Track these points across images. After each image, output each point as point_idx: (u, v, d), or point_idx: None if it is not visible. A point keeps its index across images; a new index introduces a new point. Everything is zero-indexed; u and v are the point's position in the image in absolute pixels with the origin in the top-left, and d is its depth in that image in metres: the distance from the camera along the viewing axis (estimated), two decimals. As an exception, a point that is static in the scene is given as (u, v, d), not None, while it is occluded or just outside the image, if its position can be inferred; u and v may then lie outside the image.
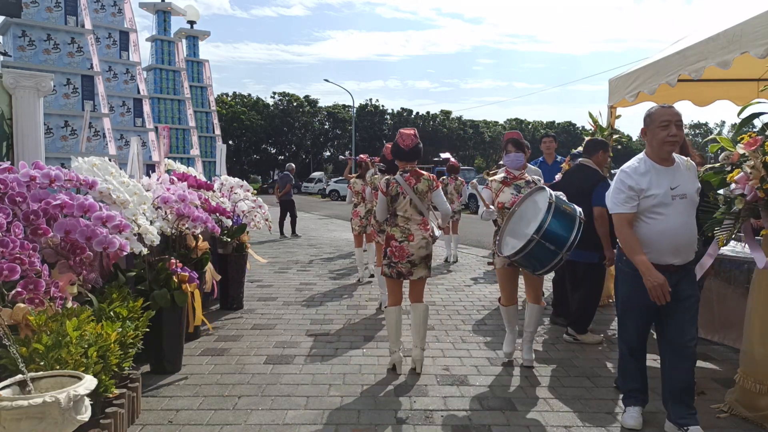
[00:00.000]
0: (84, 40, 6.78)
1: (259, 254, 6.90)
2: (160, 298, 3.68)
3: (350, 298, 6.29)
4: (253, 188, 6.47)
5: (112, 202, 3.48)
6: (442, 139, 58.57)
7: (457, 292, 6.61)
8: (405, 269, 3.86)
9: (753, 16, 3.58)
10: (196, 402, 3.38)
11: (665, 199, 2.82)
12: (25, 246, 2.65)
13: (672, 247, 2.83)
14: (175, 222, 4.14)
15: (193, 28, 13.44)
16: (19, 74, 4.31)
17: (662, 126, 2.83)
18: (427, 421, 3.13)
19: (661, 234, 2.82)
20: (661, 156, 2.89)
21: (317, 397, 3.46)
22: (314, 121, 59.49)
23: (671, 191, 2.83)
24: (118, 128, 8.66)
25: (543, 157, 7.22)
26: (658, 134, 2.85)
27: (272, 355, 4.27)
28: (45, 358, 2.40)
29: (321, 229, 13.97)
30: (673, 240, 2.82)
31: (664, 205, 2.82)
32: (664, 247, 2.83)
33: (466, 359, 4.21)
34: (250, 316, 5.46)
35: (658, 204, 2.83)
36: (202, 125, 13.03)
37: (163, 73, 11.60)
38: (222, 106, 50.40)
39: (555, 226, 3.45)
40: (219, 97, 52.26)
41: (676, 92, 5.56)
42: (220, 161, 9.27)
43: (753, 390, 3.04)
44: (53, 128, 6.44)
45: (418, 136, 4.06)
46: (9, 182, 2.96)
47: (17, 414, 1.92)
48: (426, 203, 3.95)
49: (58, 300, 2.77)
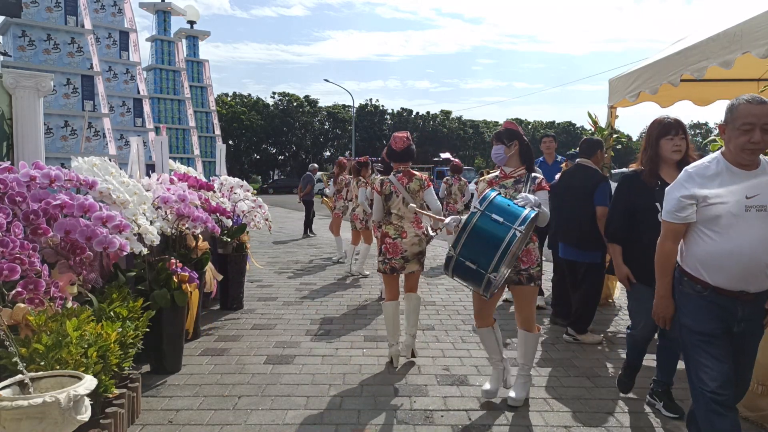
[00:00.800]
0: (84, 40, 6.78)
1: (262, 254, 6.90)
2: (160, 298, 3.68)
3: (350, 298, 6.29)
4: (253, 188, 6.47)
5: (112, 202, 3.48)
6: (442, 139, 58.60)
7: (457, 292, 6.61)
8: (398, 264, 4.05)
9: (754, 16, 3.58)
10: (196, 402, 3.38)
11: (736, 209, 2.23)
12: (25, 246, 2.65)
13: (743, 270, 2.25)
14: (175, 222, 4.14)
15: (193, 28, 13.45)
16: (19, 74, 4.31)
17: (743, 130, 2.24)
18: (427, 421, 3.13)
19: (729, 254, 2.25)
20: (739, 161, 2.30)
21: (317, 397, 3.46)
22: (314, 121, 59.50)
23: (746, 200, 2.24)
24: (118, 128, 8.66)
25: (543, 157, 7.23)
26: (737, 138, 2.26)
27: (272, 355, 4.27)
28: (45, 358, 2.40)
29: (321, 229, 13.96)
30: (746, 262, 2.23)
31: (733, 217, 2.23)
32: (733, 271, 2.26)
33: (466, 359, 4.21)
34: (250, 316, 5.46)
35: (725, 215, 2.25)
36: (202, 125, 13.04)
37: (163, 73, 11.60)
38: (222, 106, 50.43)
39: (472, 242, 2.84)
40: (219, 97, 52.29)
41: (677, 92, 5.56)
42: (220, 161, 9.27)
43: (756, 391, 3.04)
44: (53, 128, 6.44)
45: (411, 139, 4.26)
46: (9, 182, 2.96)
47: (17, 414, 1.91)
48: (418, 202, 4.11)
49: (58, 300, 2.77)
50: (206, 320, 5.19)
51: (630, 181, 3.32)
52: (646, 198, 3.16)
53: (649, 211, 3.10)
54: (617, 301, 6.03)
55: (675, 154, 3.15)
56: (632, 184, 3.30)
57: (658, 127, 3.19)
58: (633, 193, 3.27)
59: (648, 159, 3.23)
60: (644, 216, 3.15)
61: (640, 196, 3.21)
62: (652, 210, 3.07)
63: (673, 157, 3.15)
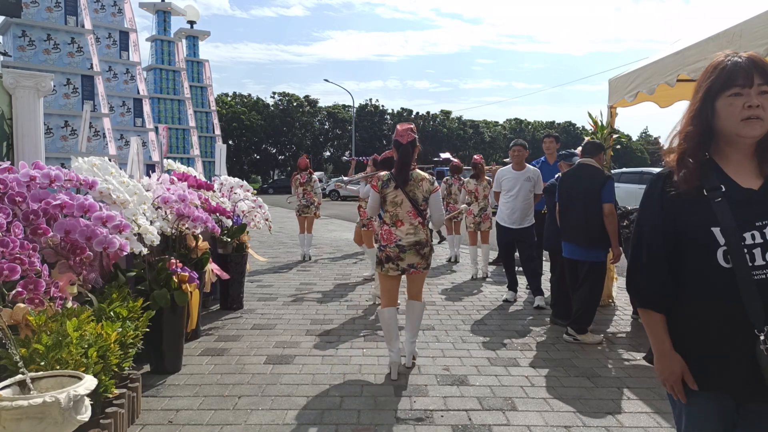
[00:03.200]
0: (84, 40, 6.78)
1: (262, 254, 6.90)
2: (160, 298, 3.68)
3: (350, 298, 6.29)
4: (253, 188, 6.47)
5: (112, 202, 3.48)
6: (442, 139, 58.60)
7: (457, 292, 6.61)
8: (393, 253, 3.87)
9: (752, 16, 3.58)
10: (196, 402, 3.38)
11: None
12: (25, 246, 2.65)
13: None
14: (175, 222, 4.14)
15: (193, 28, 13.44)
16: (19, 74, 4.31)
17: None
18: (427, 421, 3.13)
19: None
20: None
21: (317, 397, 3.46)
22: (314, 121, 59.49)
23: None
24: (118, 128, 8.66)
25: (545, 157, 7.24)
26: None
27: (272, 355, 4.27)
28: (45, 358, 2.40)
29: (321, 229, 13.95)
30: None
31: None
32: None
33: (466, 359, 4.21)
34: (250, 316, 5.46)
35: None
36: (202, 125, 13.03)
37: (163, 73, 11.60)
38: (222, 106, 50.41)
39: None
40: (219, 97, 52.26)
41: (675, 92, 5.55)
42: (220, 161, 9.26)
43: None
44: (53, 128, 6.44)
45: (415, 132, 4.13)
46: (9, 182, 2.96)
47: (17, 414, 1.92)
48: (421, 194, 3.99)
49: (58, 300, 2.77)
50: (206, 320, 5.19)
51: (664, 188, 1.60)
52: (696, 219, 1.53)
53: (703, 247, 1.51)
54: (617, 301, 6.03)
55: (749, 125, 1.48)
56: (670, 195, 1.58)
57: (712, 76, 1.56)
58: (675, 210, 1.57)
59: (691, 141, 1.56)
60: (697, 255, 1.53)
61: (687, 217, 1.55)
62: (708, 243, 1.49)
63: (747, 133, 1.48)
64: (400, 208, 3.89)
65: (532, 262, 5.98)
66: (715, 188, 1.50)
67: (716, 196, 1.49)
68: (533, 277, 5.94)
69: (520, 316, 5.53)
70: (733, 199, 1.48)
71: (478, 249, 7.59)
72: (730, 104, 1.48)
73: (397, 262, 3.88)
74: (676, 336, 1.60)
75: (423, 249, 3.91)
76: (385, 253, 3.90)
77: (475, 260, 7.62)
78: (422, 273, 3.97)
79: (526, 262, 6.03)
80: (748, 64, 1.50)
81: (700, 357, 1.54)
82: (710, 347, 1.52)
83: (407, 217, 3.90)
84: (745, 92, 1.47)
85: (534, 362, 4.15)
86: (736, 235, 1.44)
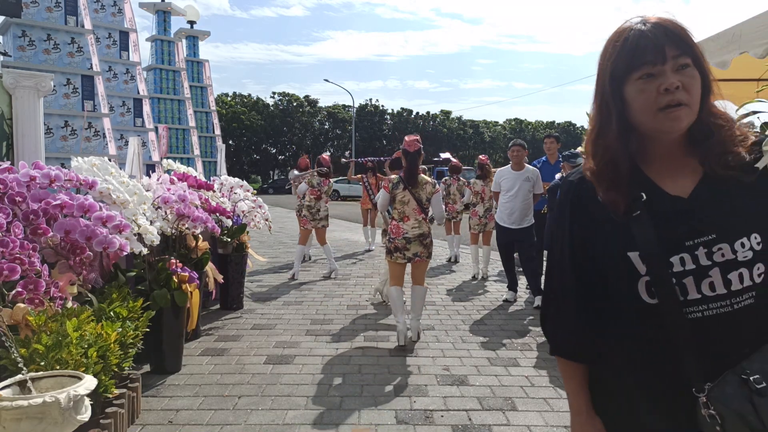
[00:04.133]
0: (84, 40, 6.78)
1: (262, 254, 6.90)
2: (160, 298, 3.68)
3: (350, 298, 6.29)
4: (253, 188, 6.47)
5: (112, 202, 3.48)
6: (442, 139, 58.57)
7: (457, 292, 6.61)
8: (401, 244, 4.61)
9: (752, 17, 3.58)
10: (196, 402, 3.38)
11: None
12: (25, 246, 2.65)
13: None
14: (175, 222, 4.14)
15: (193, 28, 13.43)
16: (19, 74, 4.31)
17: None
18: (427, 421, 3.13)
19: None
20: None
21: (317, 397, 3.46)
22: (314, 121, 59.45)
23: None
24: (118, 128, 8.65)
25: (546, 157, 7.23)
26: None
27: (272, 355, 4.27)
28: (45, 358, 2.40)
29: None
30: None
31: None
32: None
33: (466, 359, 4.21)
34: (250, 316, 5.46)
35: None
36: (202, 125, 13.02)
37: (163, 73, 11.59)
38: (222, 106, 50.40)
39: None
40: (219, 97, 52.23)
41: (675, 92, 5.54)
42: (220, 161, 9.27)
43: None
44: (53, 128, 6.44)
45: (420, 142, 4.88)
46: (9, 182, 2.96)
47: (17, 414, 1.92)
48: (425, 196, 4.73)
49: (58, 300, 2.77)
50: (206, 320, 5.19)
51: (574, 201, 1.22)
52: (609, 242, 1.13)
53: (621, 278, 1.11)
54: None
55: (670, 116, 1.05)
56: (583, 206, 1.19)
57: (613, 54, 1.11)
58: (585, 231, 1.18)
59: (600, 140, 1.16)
60: (616, 289, 1.14)
61: (599, 239, 1.15)
62: (626, 273, 1.10)
63: (669, 127, 1.06)
64: (407, 206, 4.63)
65: (531, 262, 5.98)
66: (633, 198, 1.09)
67: (634, 209, 1.08)
68: (533, 277, 5.95)
69: (520, 316, 5.53)
70: (657, 211, 1.07)
71: (479, 249, 7.59)
72: (641, 90, 1.06)
73: (403, 252, 4.61)
74: (598, 392, 1.21)
75: (425, 240, 4.66)
76: (394, 245, 4.64)
77: (477, 259, 7.63)
78: (425, 261, 4.70)
79: (526, 262, 6.03)
80: (656, 32, 1.06)
81: (625, 424, 1.15)
82: (637, 411, 1.12)
83: (413, 213, 4.63)
84: (658, 71, 1.05)
85: (534, 362, 4.15)
86: (660, 260, 1.04)
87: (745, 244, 1.03)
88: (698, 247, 1.04)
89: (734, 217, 1.05)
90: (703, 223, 1.05)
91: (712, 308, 1.03)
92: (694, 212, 1.07)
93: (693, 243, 1.04)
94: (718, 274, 1.03)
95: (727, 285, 1.03)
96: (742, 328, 1.04)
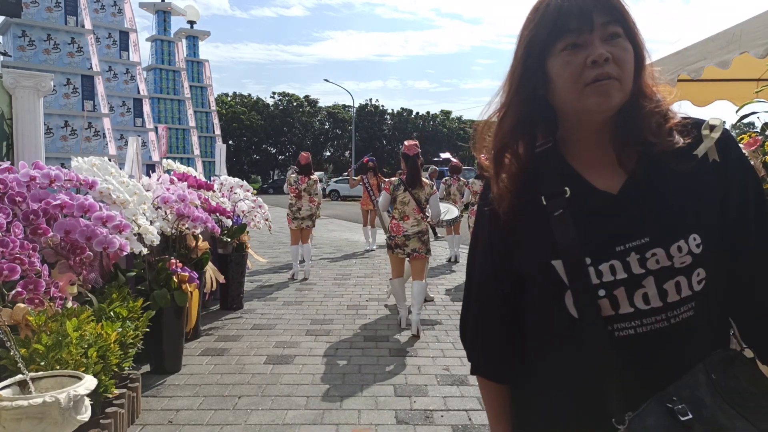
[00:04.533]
0: (84, 40, 6.78)
1: (262, 254, 6.90)
2: (160, 298, 3.68)
3: (350, 298, 6.29)
4: (253, 188, 6.47)
5: (112, 202, 3.48)
6: (442, 139, 58.56)
7: (458, 292, 6.61)
8: (400, 242, 4.93)
9: (753, 16, 3.58)
10: (196, 402, 3.38)
11: None
12: (25, 246, 2.65)
13: None
14: (175, 222, 4.14)
15: (193, 28, 13.43)
16: (19, 74, 4.31)
17: None
18: (427, 421, 3.13)
19: None
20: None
21: (317, 397, 3.46)
22: (314, 121, 59.44)
23: None
24: (118, 128, 8.65)
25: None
26: None
27: (272, 355, 4.27)
28: (45, 358, 2.40)
29: (321, 229, 13.95)
30: None
31: None
32: None
33: (466, 359, 4.18)
34: (250, 316, 5.46)
35: None
36: (202, 125, 13.02)
37: (163, 73, 11.59)
38: (222, 106, 50.39)
39: None
40: (219, 97, 52.23)
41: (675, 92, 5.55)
42: (220, 161, 9.26)
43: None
44: (53, 128, 6.44)
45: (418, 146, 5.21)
46: (9, 182, 2.96)
47: (17, 414, 1.92)
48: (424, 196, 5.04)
49: (58, 300, 2.77)
50: (206, 320, 5.19)
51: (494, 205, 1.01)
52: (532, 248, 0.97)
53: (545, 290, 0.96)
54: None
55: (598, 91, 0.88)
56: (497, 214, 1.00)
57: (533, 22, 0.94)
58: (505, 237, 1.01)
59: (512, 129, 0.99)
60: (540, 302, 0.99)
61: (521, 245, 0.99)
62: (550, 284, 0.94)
63: (597, 105, 0.89)
64: (407, 206, 4.96)
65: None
66: (555, 194, 0.93)
67: (556, 207, 0.92)
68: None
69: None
70: (582, 209, 0.92)
71: None
72: (566, 63, 0.89)
73: (403, 248, 4.94)
74: (522, 417, 1.06)
75: (423, 236, 4.99)
76: (395, 242, 4.97)
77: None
78: (424, 257, 4.98)
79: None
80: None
81: None
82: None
83: (412, 213, 4.95)
84: (584, 40, 0.89)
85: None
86: (579, 267, 0.89)
87: (682, 248, 0.87)
88: (629, 253, 0.88)
89: (670, 216, 0.89)
90: (634, 224, 0.89)
91: (646, 324, 0.88)
92: (626, 210, 0.91)
93: (624, 248, 0.88)
94: (652, 283, 0.88)
95: (663, 296, 0.88)
96: (680, 345, 0.89)
